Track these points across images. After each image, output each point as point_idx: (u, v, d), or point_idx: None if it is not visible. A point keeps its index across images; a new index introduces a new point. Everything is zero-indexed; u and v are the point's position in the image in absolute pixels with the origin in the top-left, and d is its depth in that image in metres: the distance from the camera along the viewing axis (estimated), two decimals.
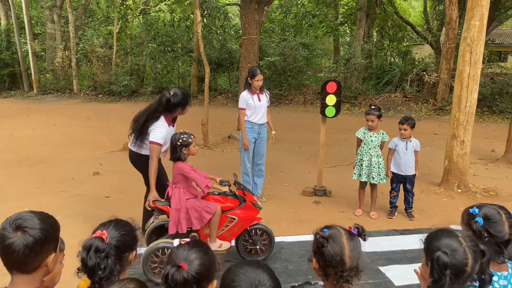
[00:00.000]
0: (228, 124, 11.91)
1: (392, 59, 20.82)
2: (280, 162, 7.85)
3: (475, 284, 1.67)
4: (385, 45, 21.94)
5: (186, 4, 9.43)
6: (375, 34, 23.43)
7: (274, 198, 5.81)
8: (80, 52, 19.98)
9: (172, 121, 4.29)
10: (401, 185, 5.22)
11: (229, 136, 9.92)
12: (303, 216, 5.19)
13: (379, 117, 5.01)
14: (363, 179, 5.10)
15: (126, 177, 6.62)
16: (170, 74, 20.78)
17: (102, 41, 21.26)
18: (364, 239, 1.72)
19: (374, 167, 5.03)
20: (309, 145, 9.47)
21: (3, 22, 20.69)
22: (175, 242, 1.59)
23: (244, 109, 5.41)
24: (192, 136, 3.72)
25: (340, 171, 7.37)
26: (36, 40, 20.94)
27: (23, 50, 20.38)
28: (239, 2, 11.12)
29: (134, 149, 4.18)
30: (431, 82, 15.86)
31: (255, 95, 5.41)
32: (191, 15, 16.10)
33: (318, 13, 19.48)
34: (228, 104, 17.16)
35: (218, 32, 19.92)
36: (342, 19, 22.00)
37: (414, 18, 29.20)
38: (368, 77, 18.55)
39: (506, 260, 1.88)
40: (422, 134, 10.40)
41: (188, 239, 1.60)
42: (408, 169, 5.11)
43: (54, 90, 19.73)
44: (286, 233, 4.56)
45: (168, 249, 3.34)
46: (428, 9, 23.12)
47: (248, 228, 3.78)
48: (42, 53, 21.40)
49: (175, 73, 20.72)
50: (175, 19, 19.55)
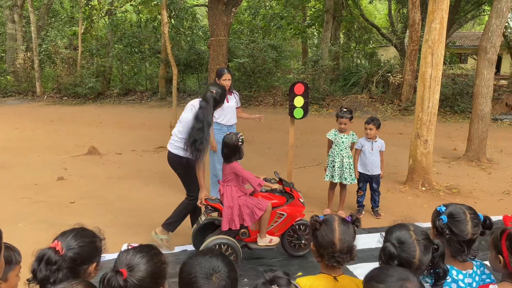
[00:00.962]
0: None
1: (359, 61, 21.27)
2: (250, 163, 7.85)
3: (430, 277, 1.74)
4: (351, 47, 22.39)
5: (152, 4, 9.31)
6: (342, 36, 23.85)
7: None
8: (43, 53, 19.34)
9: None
10: (368, 185, 5.33)
11: None
12: None
13: (351, 119, 5.08)
14: (336, 180, 5.14)
15: (92, 181, 6.47)
16: (138, 76, 20.45)
17: (67, 42, 20.67)
18: (357, 226, 1.88)
19: (346, 168, 5.08)
20: (278, 146, 9.52)
21: None
22: (123, 246, 1.55)
23: None
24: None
25: (309, 171, 7.45)
26: None
27: None
28: (207, 3, 11.07)
29: (175, 151, 4.06)
30: (396, 83, 16.31)
31: None
32: (158, 16, 15.89)
33: (286, 15, 19.66)
34: None
35: (186, 33, 19.77)
36: (309, 21, 22.29)
37: (380, 21, 29.93)
38: (335, 78, 18.87)
39: (470, 259, 1.95)
40: (387, 134, 10.67)
41: (136, 244, 1.53)
42: (374, 169, 5.22)
43: (15, 93, 19.00)
44: None
45: (224, 245, 3.55)
46: (392, 12, 23.76)
47: (294, 223, 3.96)
48: (2, 54, 20.59)
49: (143, 74, 20.41)
50: (142, 19, 19.25)
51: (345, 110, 5.10)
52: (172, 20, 18.79)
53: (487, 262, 1.94)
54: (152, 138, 9.93)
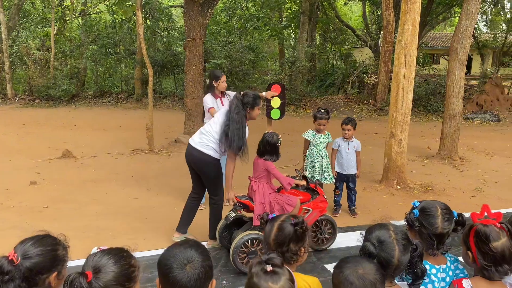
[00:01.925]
0: (174, 127, 11.72)
1: (335, 62, 21.52)
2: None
3: (407, 278, 1.77)
4: (327, 48, 22.64)
5: (127, 5, 9.18)
6: (318, 37, 24.09)
7: None
8: (14, 54, 18.80)
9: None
10: (344, 184, 5.39)
11: (175, 140, 9.75)
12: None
13: (328, 119, 5.12)
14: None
15: (66, 185, 6.34)
16: (113, 77, 20.14)
17: (39, 43, 20.17)
18: (296, 231, 1.91)
19: (325, 167, 5.10)
20: (256, 147, 9.52)
21: None
22: (93, 249, 1.51)
23: (213, 107, 5.26)
24: None
25: (288, 171, 7.46)
26: None
27: None
28: (183, 4, 10.98)
29: (207, 151, 4.07)
30: (371, 83, 16.60)
31: (218, 99, 5.36)
32: (133, 16, 15.68)
33: (262, 16, 19.72)
34: (174, 107, 16.89)
35: (162, 34, 19.58)
36: (286, 23, 22.43)
37: (354, 22, 30.37)
38: (312, 79, 19.04)
39: (442, 254, 1.99)
40: (363, 134, 10.83)
41: (106, 247, 1.50)
42: (351, 169, 5.29)
43: None
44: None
45: (256, 240, 3.61)
46: (367, 13, 24.17)
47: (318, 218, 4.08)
48: None
49: (118, 76, 20.11)
50: (117, 20, 18.97)
51: (322, 111, 5.12)
52: (148, 21, 18.59)
53: (461, 258, 1.99)
54: (128, 141, 9.79)
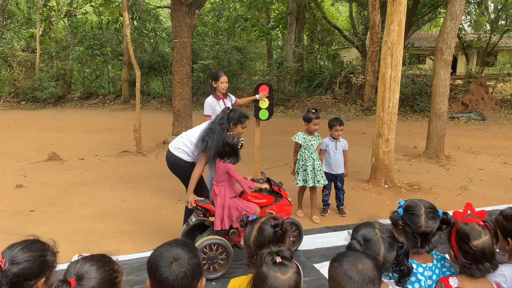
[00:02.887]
0: (162, 129, 11.67)
1: (322, 62, 21.63)
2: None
3: (394, 276, 1.80)
4: (315, 49, 22.74)
5: (113, 6, 9.11)
6: (305, 38, 24.19)
7: None
8: None
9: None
10: (332, 184, 5.41)
11: (163, 142, 9.71)
12: None
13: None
14: (310, 184, 4.99)
15: (53, 188, 6.27)
16: (100, 79, 19.96)
17: (24, 45, 19.89)
18: (275, 232, 1.93)
19: (317, 170, 5.02)
20: (245, 147, 9.47)
21: None
22: (74, 257, 1.49)
23: (210, 116, 5.20)
24: None
25: (276, 172, 7.50)
26: None
27: None
28: (170, 5, 10.93)
29: (175, 152, 4.15)
30: (358, 84, 16.73)
31: (221, 101, 5.32)
32: (120, 17, 15.57)
33: (250, 17, 19.73)
34: (162, 109, 16.81)
35: (150, 35, 19.47)
36: (273, 23, 22.47)
37: (342, 23, 30.57)
38: (300, 80, 19.11)
39: (430, 251, 2.02)
40: (351, 134, 10.91)
41: (87, 254, 1.48)
42: (339, 168, 5.31)
43: None
44: None
45: (215, 245, 3.55)
46: (354, 14, 24.35)
47: None
48: None
49: (105, 77, 19.95)
50: (103, 21, 18.81)
51: (314, 111, 5.06)
52: (135, 22, 18.47)
53: (447, 255, 2.02)
54: (116, 142, 9.72)
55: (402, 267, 1.74)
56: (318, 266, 3.89)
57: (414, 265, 1.93)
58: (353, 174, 7.06)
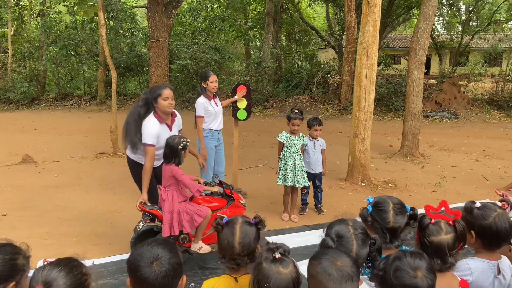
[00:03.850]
0: None
1: (300, 63, 21.78)
2: (195, 166, 7.79)
3: (365, 272, 1.84)
4: (292, 49, 22.88)
5: (88, 6, 8.96)
6: (283, 38, 24.32)
7: None
8: None
9: (168, 122, 3.98)
10: (311, 182, 5.47)
11: None
12: None
13: (302, 120, 5.05)
14: (289, 183, 5.03)
15: (27, 191, 6.12)
16: (75, 79, 19.56)
17: None
18: (260, 229, 1.94)
19: (298, 170, 5.03)
20: (224, 148, 9.52)
21: None
22: (39, 263, 1.46)
23: (203, 116, 5.17)
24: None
25: (255, 172, 7.53)
26: None
27: None
28: (146, 5, 10.83)
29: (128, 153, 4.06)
30: (335, 84, 16.91)
31: (212, 101, 5.28)
32: (95, 17, 15.32)
33: (227, 17, 19.71)
34: None
35: (126, 35, 19.22)
36: (251, 24, 22.51)
37: (318, 24, 30.84)
38: (278, 80, 19.21)
39: (400, 246, 2.07)
40: (328, 133, 11.03)
41: (52, 259, 1.45)
42: (317, 167, 5.38)
43: None
44: None
45: None
46: (330, 15, 24.60)
47: None
48: None
49: (80, 78, 19.57)
50: (78, 21, 18.46)
51: (296, 111, 5.06)
52: (111, 21, 18.20)
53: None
54: (92, 144, 9.55)
55: (375, 263, 1.78)
56: (297, 265, 3.92)
57: None
58: (331, 173, 7.14)
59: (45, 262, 1.43)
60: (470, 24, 24.28)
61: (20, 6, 19.11)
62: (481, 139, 11.21)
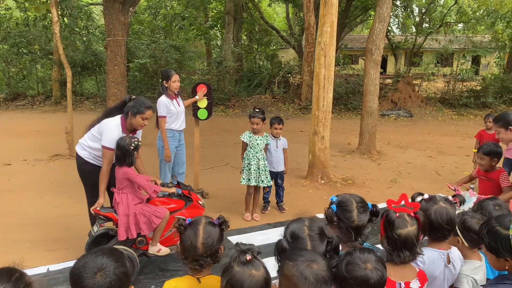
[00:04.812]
0: None
1: (261, 62, 21.91)
2: (156, 167, 7.67)
3: None
4: (253, 49, 22.98)
5: (39, 2, 8.60)
6: (244, 38, 24.35)
7: None
8: None
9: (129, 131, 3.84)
10: (273, 181, 5.52)
11: None
12: None
13: (263, 120, 5.04)
14: (253, 183, 5.04)
15: None
16: (28, 79, 18.69)
17: None
18: (222, 230, 1.94)
19: (262, 170, 5.05)
20: (185, 148, 9.42)
21: None
22: None
23: (165, 116, 5.05)
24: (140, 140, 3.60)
25: (217, 172, 7.51)
26: None
27: None
28: (102, 2, 10.49)
29: (79, 151, 3.93)
30: (296, 83, 17.15)
31: (174, 100, 5.16)
32: (48, 14, 14.71)
33: (187, 15, 19.50)
34: (96, 110, 16.11)
35: (82, 33, 18.60)
36: (211, 23, 22.39)
37: (279, 24, 31.11)
38: (239, 79, 19.22)
39: (363, 243, 2.13)
40: (290, 132, 11.17)
41: None
42: (279, 166, 5.42)
43: None
44: None
45: None
46: (290, 15, 24.88)
47: None
48: None
49: (34, 77, 18.74)
50: (30, 18, 17.67)
51: (257, 110, 5.07)
52: (65, 19, 17.55)
53: (379, 246, 2.13)
54: (47, 146, 9.18)
55: (331, 262, 1.82)
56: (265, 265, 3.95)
57: None
58: (292, 171, 7.24)
59: None
60: (423, 26, 25.27)
61: None
62: (434, 136, 11.71)
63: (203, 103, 5.77)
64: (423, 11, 26.19)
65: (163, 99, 5.08)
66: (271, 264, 1.69)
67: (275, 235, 4.67)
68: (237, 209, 5.52)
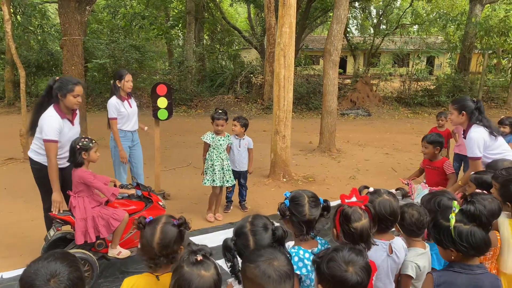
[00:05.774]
0: None
1: (224, 62, 21.88)
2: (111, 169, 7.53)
3: None
4: (216, 49, 22.91)
5: None
6: (206, 37, 24.23)
7: None
8: None
9: (69, 116, 3.74)
10: (236, 180, 5.54)
11: None
12: None
13: (226, 120, 5.05)
14: (218, 184, 5.03)
15: None
16: None
17: None
18: (180, 231, 1.95)
19: (226, 170, 5.06)
20: (146, 149, 9.22)
21: None
22: None
23: (116, 118, 4.94)
24: (93, 141, 3.46)
25: (179, 172, 7.47)
26: None
27: None
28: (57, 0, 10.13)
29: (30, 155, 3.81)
30: (258, 83, 17.26)
31: (126, 102, 5.03)
32: (0, 12, 14.07)
33: (147, 15, 19.19)
34: None
35: (36, 31, 17.91)
36: (172, 22, 22.13)
37: (241, 24, 31.20)
38: (202, 79, 19.13)
39: (315, 237, 2.21)
40: (253, 132, 11.23)
41: None
42: (242, 165, 5.43)
43: None
44: None
45: (82, 260, 3.29)
46: (252, 15, 24.99)
47: None
48: None
49: None
50: None
51: (220, 111, 5.06)
52: (18, 17, 16.84)
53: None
54: (0, 149, 8.81)
55: None
56: (221, 262, 3.98)
57: (302, 251, 2.09)
58: (255, 170, 7.28)
59: None
60: (381, 27, 26.09)
61: None
62: (391, 134, 12.14)
63: (163, 103, 5.73)
64: (380, 13, 27.03)
65: (113, 101, 4.98)
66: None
67: None
68: (199, 209, 5.52)
